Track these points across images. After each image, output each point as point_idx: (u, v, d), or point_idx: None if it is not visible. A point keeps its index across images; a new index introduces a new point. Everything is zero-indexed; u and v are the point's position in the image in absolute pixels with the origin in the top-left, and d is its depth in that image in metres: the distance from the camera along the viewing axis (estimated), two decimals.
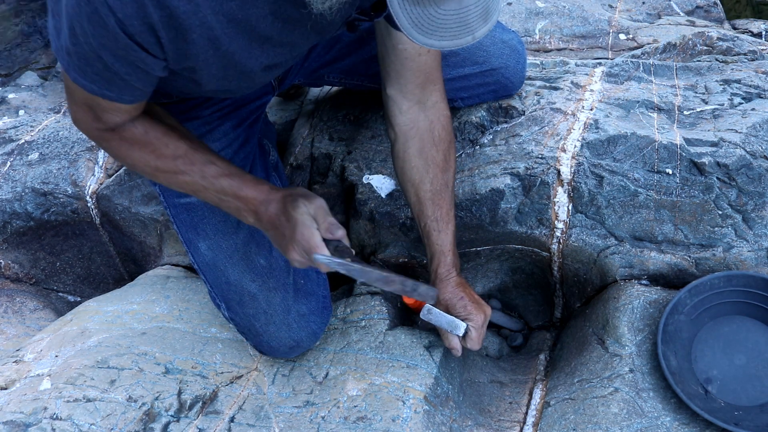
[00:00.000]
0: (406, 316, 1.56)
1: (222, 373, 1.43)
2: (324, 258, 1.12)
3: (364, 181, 1.63)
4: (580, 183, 1.48)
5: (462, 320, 1.31)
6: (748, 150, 1.45)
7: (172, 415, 1.33)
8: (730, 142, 1.46)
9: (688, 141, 1.48)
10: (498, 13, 0.89)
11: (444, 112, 1.36)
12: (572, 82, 1.72)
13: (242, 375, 1.44)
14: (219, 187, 1.16)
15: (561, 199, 1.49)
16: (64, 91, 1.13)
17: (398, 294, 1.32)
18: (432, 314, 1.32)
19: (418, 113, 1.33)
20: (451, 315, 1.32)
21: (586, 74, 1.76)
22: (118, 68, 0.99)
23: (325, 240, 1.13)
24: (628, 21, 2.33)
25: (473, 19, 0.85)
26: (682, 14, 2.41)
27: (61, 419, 1.27)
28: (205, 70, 1.04)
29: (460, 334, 1.31)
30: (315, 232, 1.12)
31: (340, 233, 1.14)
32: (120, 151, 1.17)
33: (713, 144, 1.47)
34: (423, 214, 1.36)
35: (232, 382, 1.42)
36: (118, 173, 1.85)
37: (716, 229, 1.43)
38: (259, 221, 1.17)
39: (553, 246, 1.51)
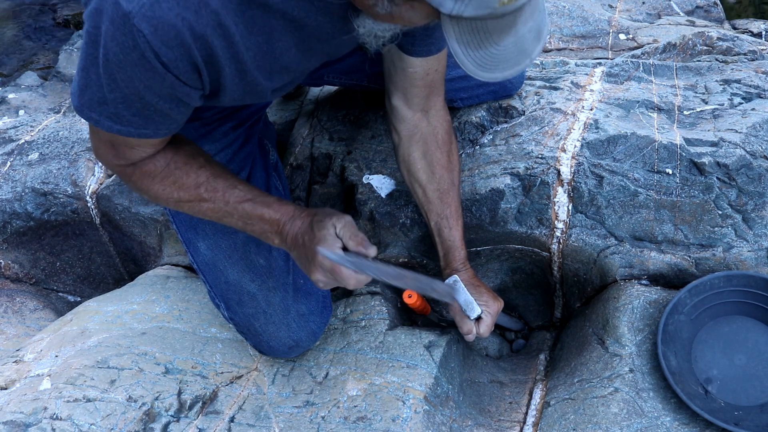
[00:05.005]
0: (406, 316, 1.57)
1: (222, 373, 1.43)
2: (330, 253, 1.07)
3: (364, 181, 1.63)
4: (580, 183, 1.48)
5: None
6: (748, 150, 1.45)
7: (172, 415, 1.33)
8: (730, 142, 1.46)
9: (688, 141, 1.48)
10: (548, 27, 0.91)
11: (446, 118, 1.41)
12: (572, 82, 1.72)
13: (242, 375, 1.44)
14: (243, 212, 1.16)
15: (561, 199, 1.49)
16: (89, 129, 1.14)
17: (416, 291, 1.33)
18: (457, 286, 1.34)
19: (421, 120, 1.38)
20: None
21: (586, 74, 1.76)
22: (162, 105, 1.01)
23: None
24: (628, 21, 2.33)
25: (528, 44, 0.87)
26: (682, 14, 2.41)
27: (61, 419, 1.27)
28: (228, 95, 1.07)
29: (473, 317, 1.34)
30: (337, 250, 1.09)
31: (372, 251, 1.11)
32: (142, 184, 1.17)
33: (713, 144, 1.47)
34: (432, 213, 1.41)
35: (232, 382, 1.42)
36: None
37: (716, 229, 1.43)
38: (284, 242, 1.16)
39: (553, 246, 1.51)
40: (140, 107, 1.01)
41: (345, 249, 1.09)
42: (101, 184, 1.85)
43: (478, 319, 1.35)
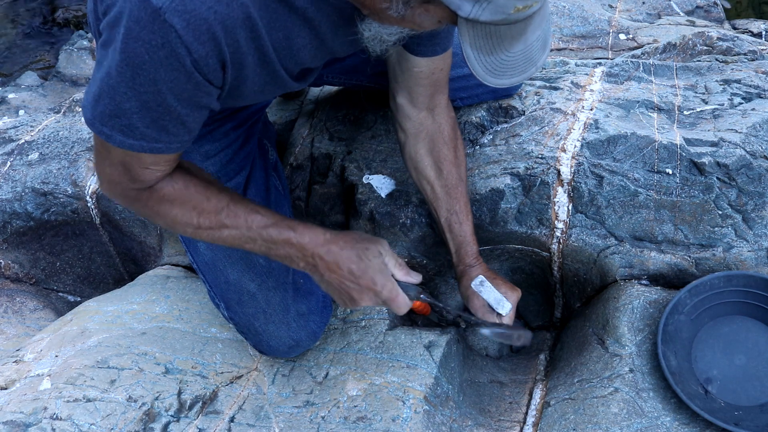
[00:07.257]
0: (406, 316, 1.56)
1: (222, 373, 1.43)
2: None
3: (364, 181, 1.63)
4: (580, 183, 1.48)
5: None
6: (748, 150, 1.45)
7: (172, 415, 1.33)
8: (730, 142, 1.46)
9: (688, 141, 1.48)
10: (551, 37, 0.96)
11: (450, 114, 1.42)
12: (572, 82, 1.72)
13: (242, 375, 1.44)
14: (267, 236, 1.13)
15: (561, 199, 1.49)
16: (94, 156, 1.10)
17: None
18: (483, 286, 1.36)
19: (426, 117, 1.39)
20: None
21: (586, 74, 1.75)
22: (180, 110, 0.99)
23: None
24: (628, 21, 2.33)
25: (535, 52, 0.91)
26: (682, 14, 2.41)
27: (61, 419, 1.27)
28: (249, 87, 1.07)
29: (505, 313, 1.36)
30: (395, 282, 1.16)
31: (419, 278, 1.20)
32: (160, 209, 1.12)
33: (713, 144, 1.47)
34: (442, 209, 1.42)
35: (232, 382, 1.42)
36: None
37: (716, 229, 1.43)
38: (314, 267, 1.14)
39: (553, 246, 1.51)
40: (156, 115, 0.98)
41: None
42: None
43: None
